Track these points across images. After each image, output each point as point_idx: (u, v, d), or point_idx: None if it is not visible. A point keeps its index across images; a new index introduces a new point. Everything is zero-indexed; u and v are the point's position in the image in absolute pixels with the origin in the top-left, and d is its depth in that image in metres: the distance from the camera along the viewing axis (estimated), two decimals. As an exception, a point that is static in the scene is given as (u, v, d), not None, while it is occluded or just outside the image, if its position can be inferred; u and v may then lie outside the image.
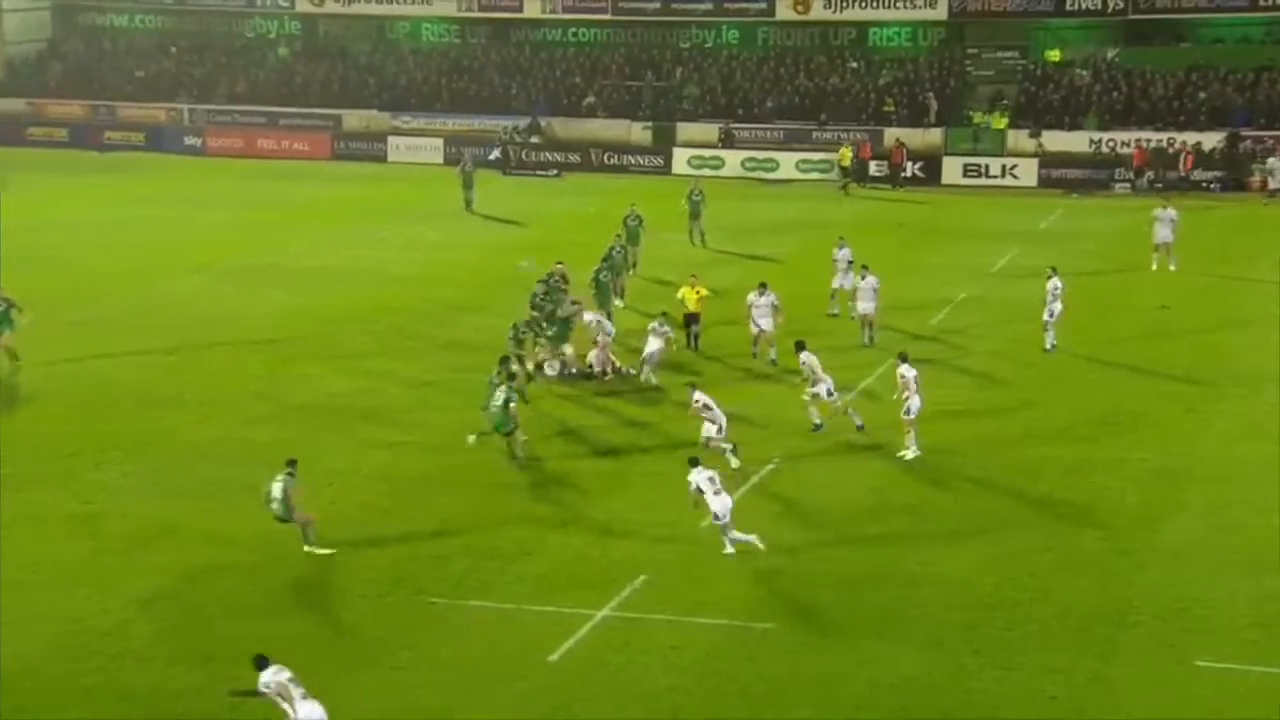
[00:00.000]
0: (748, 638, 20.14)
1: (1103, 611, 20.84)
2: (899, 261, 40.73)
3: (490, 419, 26.07)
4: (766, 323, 32.01)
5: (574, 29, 68.03)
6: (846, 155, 56.76)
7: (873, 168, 57.79)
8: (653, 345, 30.67)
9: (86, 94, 67.93)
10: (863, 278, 34.08)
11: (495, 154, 60.13)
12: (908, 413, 26.35)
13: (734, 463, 25.70)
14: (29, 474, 25.86)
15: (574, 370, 31.38)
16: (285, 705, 16.77)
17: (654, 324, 31.30)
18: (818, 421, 27.90)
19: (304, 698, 16.78)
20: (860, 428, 27.71)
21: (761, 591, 21.57)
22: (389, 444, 27.46)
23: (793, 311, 33.43)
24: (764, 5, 64.70)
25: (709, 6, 65.53)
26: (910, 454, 26.35)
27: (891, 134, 59.51)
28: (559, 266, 33.90)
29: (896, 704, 18.52)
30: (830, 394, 27.72)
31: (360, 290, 39.18)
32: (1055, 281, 33.60)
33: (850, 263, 36.10)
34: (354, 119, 65.25)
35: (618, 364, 31.67)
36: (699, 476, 22.74)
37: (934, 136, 60.30)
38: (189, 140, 64.84)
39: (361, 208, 52.59)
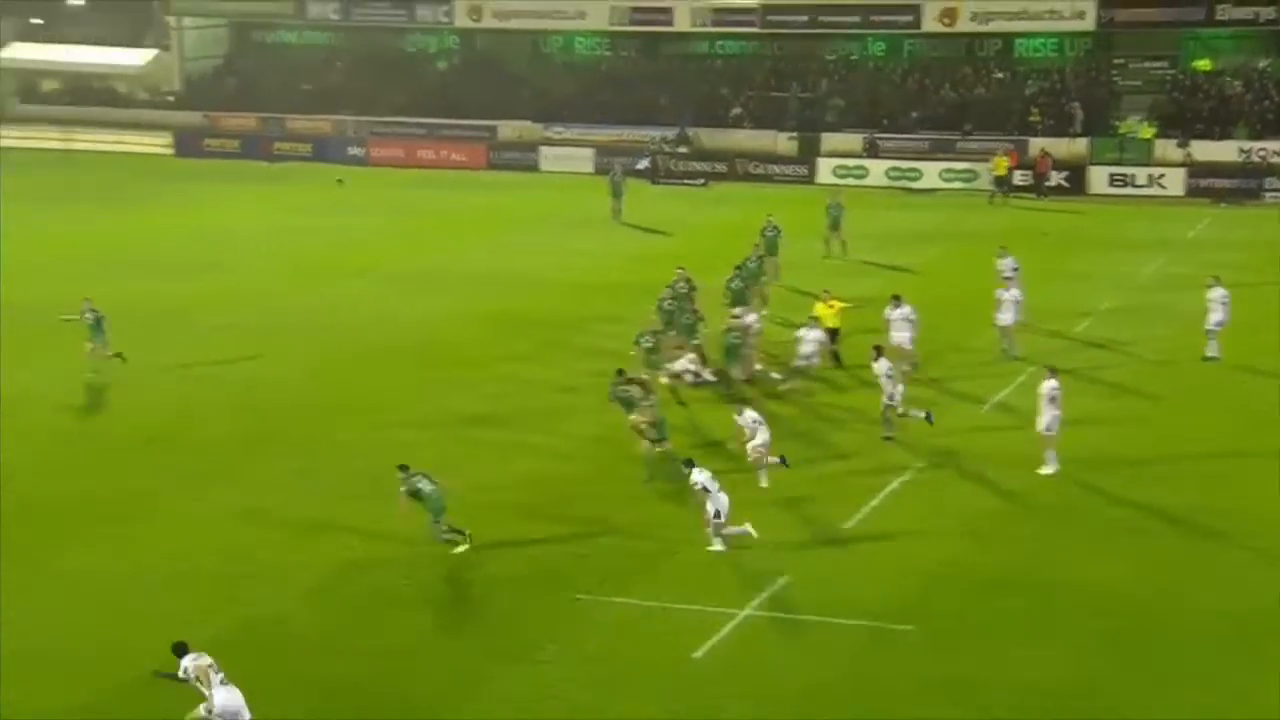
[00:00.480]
0: (888, 639, 19.89)
1: (1249, 620, 20.20)
2: (1043, 270, 39.92)
3: (655, 429, 25.97)
4: (902, 335, 31.55)
5: (722, 41, 68.03)
6: (1002, 164, 55.77)
7: (1017, 177, 56.78)
8: (807, 349, 30.26)
9: (258, 107, 69.52)
10: (1006, 289, 33.41)
11: (644, 164, 60.31)
12: (1048, 429, 25.68)
13: (763, 482, 25.21)
14: (197, 471, 26.44)
15: (708, 377, 31.21)
16: (204, 690, 16.86)
17: (803, 330, 30.92)
18: (926, 415, 27.66)
19: (222, 683, 16.90)
20: (888, 438, 27.38)
21: (901, 594, 21.27)
22: (535, 447, 27.52)
23: (931, 320, 32.95)
24: (910, 18, 64.05)
25: (856, 19, 65.09)
26: (1050, 469, 25.68)
27: (1036, 144, 58.49)
28: (680, 272, 33.70)
29: (1040, 708, 18.16)
30: (893, 399, 27.45)
31: (511, 296, 39.45)
32: (1220, 290, 32.58)
33: (1016, 269, 35.47)
34: (508, 129, 65.93)
35: (758, 367, 31.44)
36: (700, 476, 22.70)
37: (1079, 146, 59.12)
38: (352, 150, 66.01)
39: (514, 216, 53.04)
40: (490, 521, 23.51)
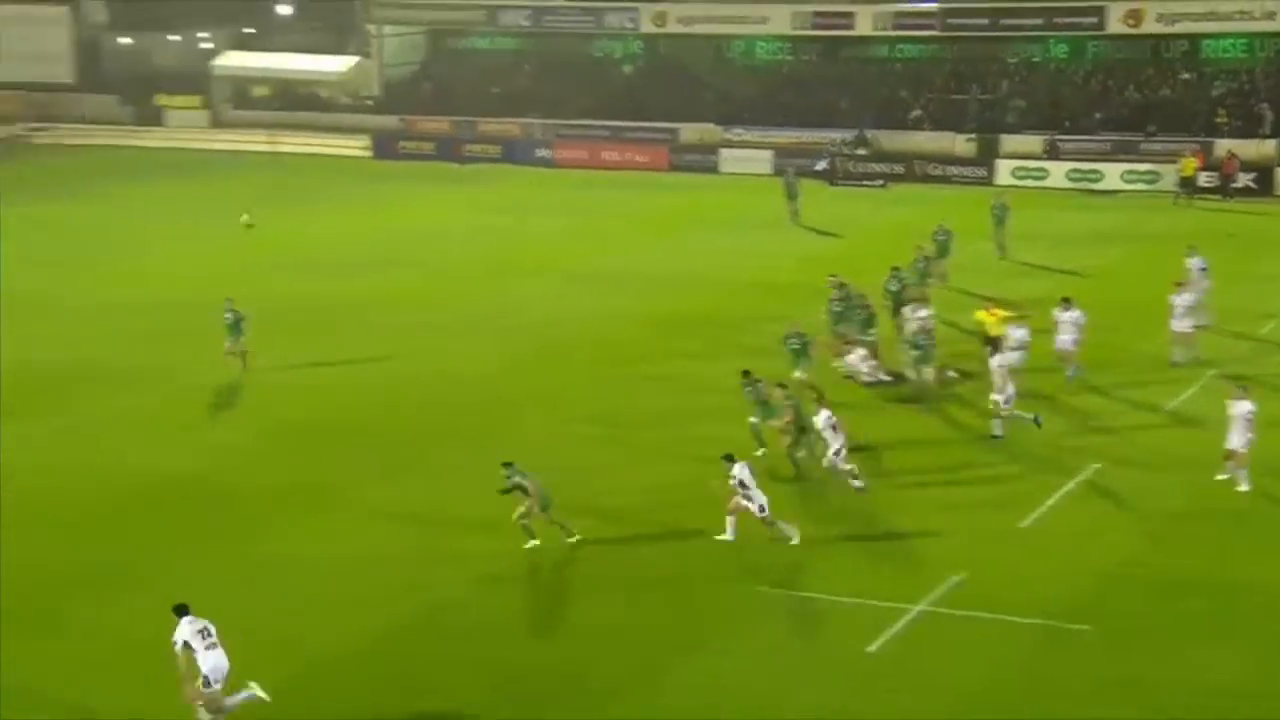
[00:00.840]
0: (1065, 638, 19.48)
1: None
2: (1227, 272, 38.41)
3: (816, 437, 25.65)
4: (1068, 338, 30.69)
5: (902, 45, 67.21)
6: (1190, 165, 53.93)
7: (1202, 179, 54.89)
8: (1013, 351, 29.69)
9: (451, 110, 70.65)
10: (1178, 294, 32.14)
11: (822, 165, 59.89)
12: (1242, 447, 24.43)
13: (857, 484, 24.62)
14: (386, 461, 26.93)
15: (883, 376, 30.79)
16: (195, 653, 17.09)
17: (1011, 328, 30.16)
18: (998, 433, 26.99)
19: (210, 648, 17.09)
20: (1038, 421, 26.79)
21: (1078, 593, 20.79)
22: (708, 444, 26.69)
23: (1110, 321, 32.01)
24: (1094, 20, 62.41)
25: (1038, 21, 63.66)
26: (1244, 486, 24.56)
27: (1223, 145, 56.52)
28: (833, 279, 33.17)
29: (1218, 710, 17.64)
30: (1006, 403, 26.88)
31: (686, 296, 39.28)
32: None
33: (1204, 269, 34.31)
34: (690, 132, 66.03)
35: (938, 369, 30.88)
36: (741, 471, 22.40)
37: (1268, 148, 56.91)
38: (540, 152, 66.70)
39: (694, 216, 53.06)
40: (666, 516, 23.58)
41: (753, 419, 26.26)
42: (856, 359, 30.98)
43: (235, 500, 25.01)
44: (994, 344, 30.40)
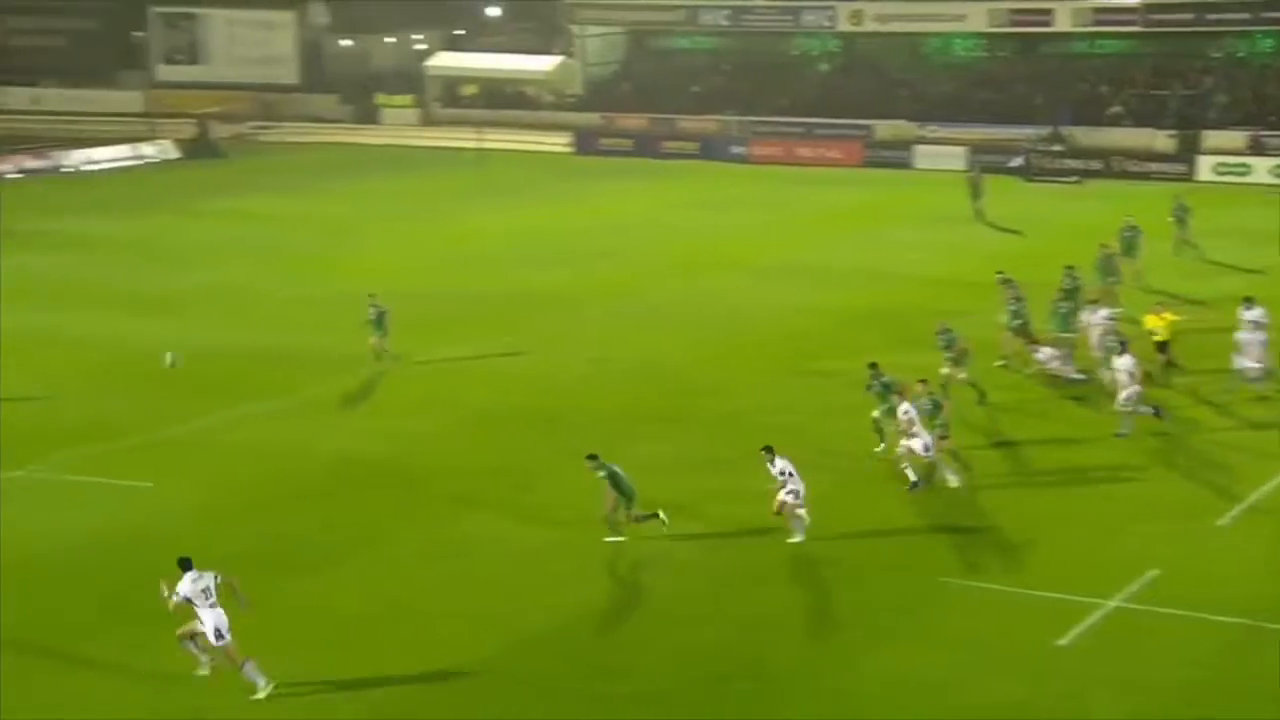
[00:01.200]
0: (1264, 638, 18.51)
1: None
2: None
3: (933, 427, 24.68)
4: (1251, 337, 29.11)
5: (1101, 40, 65.12)
6: None
7: None
8: (1255, 365, 28.42)
9: (650, 108, 70.83)
10: None
11: (1017, 162, 58.39)
12: None
13: (953, 481, 23.81)
14: (575, 447, 26.76)
15: (1074, 375, 29.68)
16: (197, 608, 17.23)
17: (1244, 335, 28.84)
18: (1157, 410, 26.19)
19: (211, 606, 17.20)
20: (1166, 415, 26.06)
21: (1276, 593, 19.72)
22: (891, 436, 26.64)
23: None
24: (1304, 12, 59.68)
25: (1244, 16, 61.05)
26: None
27: None
28: (1000, 275, 31.96)
29: None
30: (1128, 399, 25.85)
31: (871, 290, 38.41)
32: None
33: None
34: (884, 129, 65.05)
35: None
36: (781, 463, 21.78)
37: None
38: (735, 149, 66.41)
39: (883, 212, 52.16)
40: (854, 506, 23.10)
41: (875, 413, 25.56)
42: (1046, 355, 29.99)
43: (430, 482, 25.18)
44: (1163, 347, 29.26)
